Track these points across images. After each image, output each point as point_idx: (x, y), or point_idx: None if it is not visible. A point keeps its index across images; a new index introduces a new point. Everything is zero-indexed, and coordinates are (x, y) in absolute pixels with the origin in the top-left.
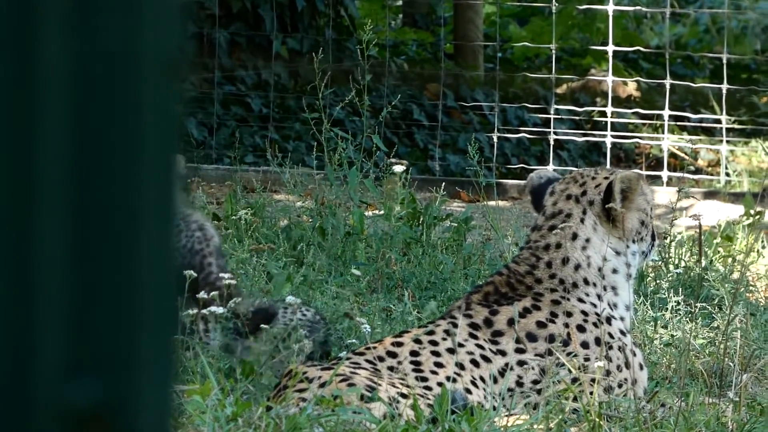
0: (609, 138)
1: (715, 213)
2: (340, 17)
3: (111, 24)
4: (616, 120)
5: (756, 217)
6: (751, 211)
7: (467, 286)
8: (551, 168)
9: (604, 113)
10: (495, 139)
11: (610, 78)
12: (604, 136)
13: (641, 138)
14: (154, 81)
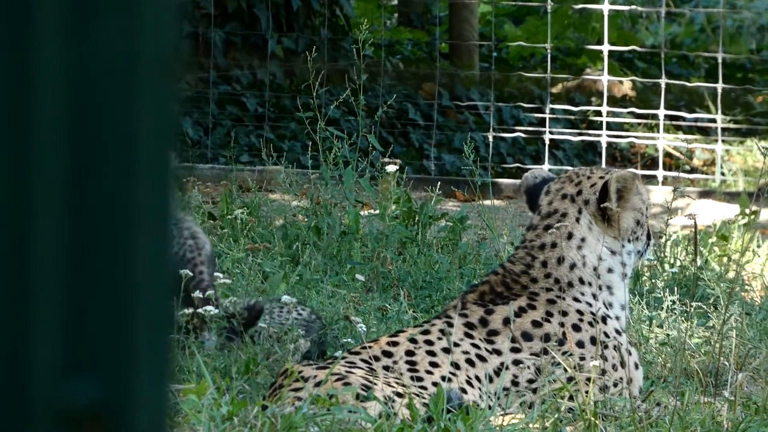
0: (604, 137)
1: (711, 212)
2: (335, 17)
3: (107, 23)
4: (611, 119)
5: (751, 217)
6: (747, 211)
7: (463, 285)
8: (546, 167)
9: (599, 113)
10: (490, 139)
11: (605, 77)
12: (599, 135)
13: (637, 137)
14: (150, 80)
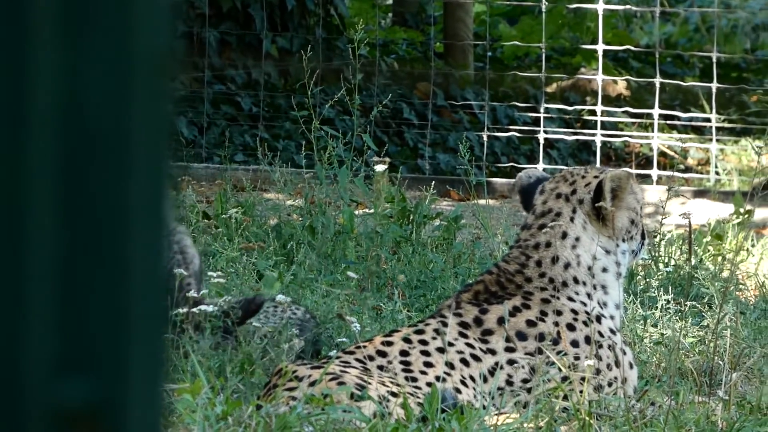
0: (599, 137)
1: (705, 211)
2: (330, 16)
3: (102, 23)
4: (605, 119)
5: (746, 216)
6: (741, 210)
7: (457, 284)
8: (541, 167)
9: (593, 112)
10: (485, 138)
11: (600, 77)
12: (593, 134)
13: (631, 137)
14: (144, 80)
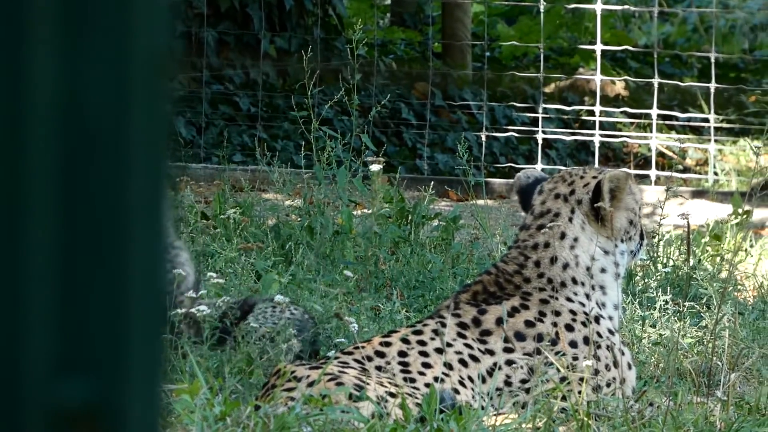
0: (597, 137)
1: (704, 212)
2: (328, 16)
3: (101, 23)
4: (604, 119)
5: (744, 216)
6: (740, 210)
7: (456, 285)
8: (539, 167)
9: (592, 112)
10: (483, 138)
11: (598, 77)
12: (592, 135)
13: (629, 137)
14: (143, 80)
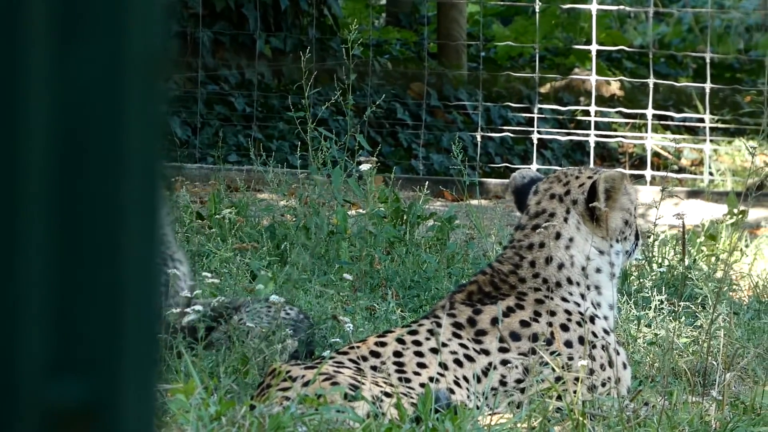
0: (592, 137)
1: (699, 212)
2: (323, 16)
3: (96, 23)
4: (599, 119)
5: (739, 216)
6: (735, 210)
7: (451, 285)
8: (535, 167)
9: (587, 112)
10: (478, 139)
11: (593, 77)
12: (587, 135)
13: (625, 137)
14: (138, 80)
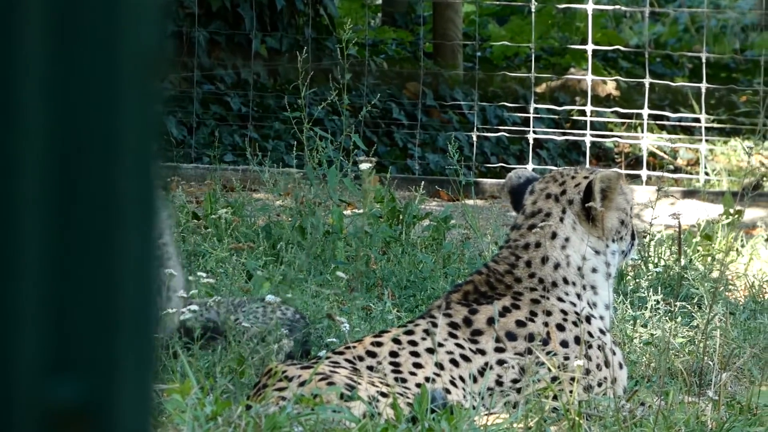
0: (588, 137)
1: (695, 212)
2: (319, 16)
3: (91, 22)
4: (595, 119)
5: (735, 216)
6: (731, 210)
7: (447, 285)
8: (530, 167)
9: (583, 112)
10: (474, 138)
11: (589, 77)
12: (583, 135)
13: (620, 137)
14: (134, 80)
